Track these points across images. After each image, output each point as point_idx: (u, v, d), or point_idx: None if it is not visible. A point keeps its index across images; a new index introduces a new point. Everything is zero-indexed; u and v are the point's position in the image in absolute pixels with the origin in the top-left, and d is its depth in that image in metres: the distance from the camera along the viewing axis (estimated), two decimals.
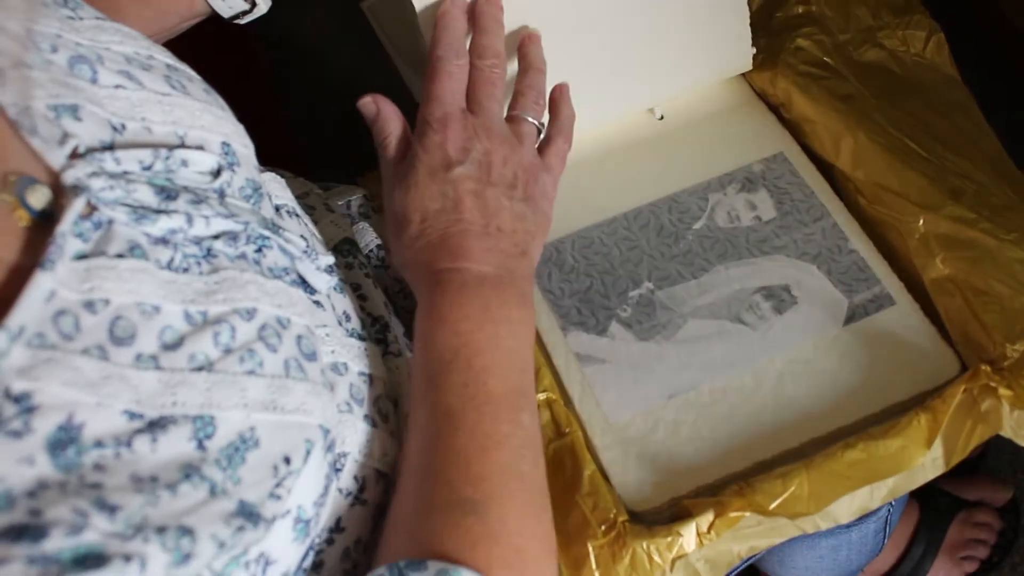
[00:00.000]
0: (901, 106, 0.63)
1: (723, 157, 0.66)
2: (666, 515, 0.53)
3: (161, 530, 0.32)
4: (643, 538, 0.50)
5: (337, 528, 0.45)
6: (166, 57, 0.45)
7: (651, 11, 0.63)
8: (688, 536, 0.50)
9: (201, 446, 0.35)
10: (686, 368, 0.57)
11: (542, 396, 0.55)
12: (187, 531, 0.32)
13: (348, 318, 0.52)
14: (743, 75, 0.70)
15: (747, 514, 0.50)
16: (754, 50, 0.67)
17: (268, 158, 0.52)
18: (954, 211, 0.56)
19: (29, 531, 0.28)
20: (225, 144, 0.44)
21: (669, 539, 0.50)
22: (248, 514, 0.35)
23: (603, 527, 0.50)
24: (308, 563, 0.43)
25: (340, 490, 0.45)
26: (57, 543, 0.29)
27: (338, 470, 0.45)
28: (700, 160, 0.66)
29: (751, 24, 0.66)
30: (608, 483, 0.53)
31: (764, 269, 0.60)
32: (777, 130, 0.67)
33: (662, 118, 0.68)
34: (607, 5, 0.62)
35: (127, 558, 0.30)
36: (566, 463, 0.52)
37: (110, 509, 0.31)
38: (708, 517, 0.50)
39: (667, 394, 0.56)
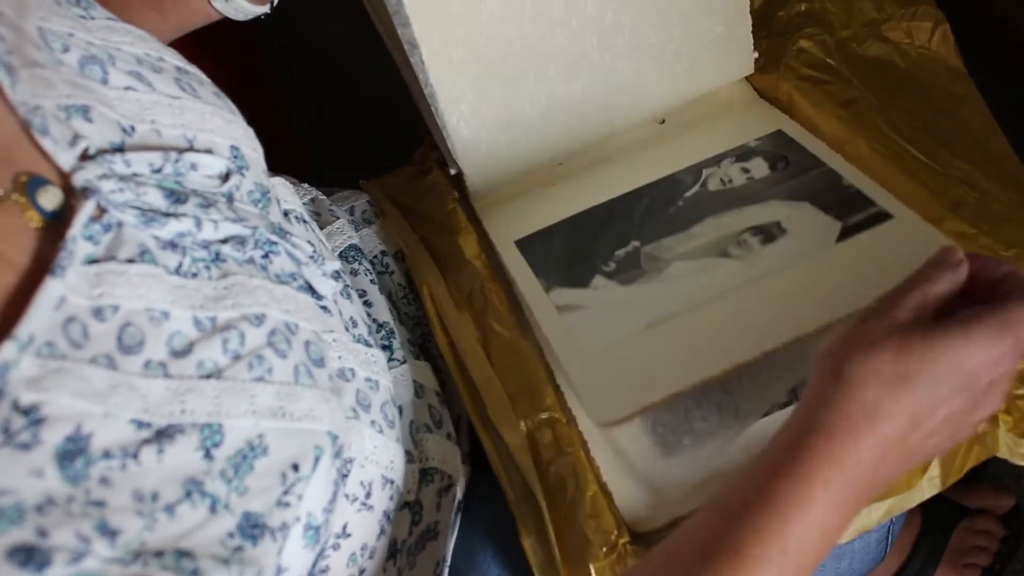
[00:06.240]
0: (904, 106, 0.63)
1: (720, 140, 0.65)
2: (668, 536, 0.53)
3: (159, 554, 0.32)
4: None
5: (344, 534, 0.45)
6: (176, 60, 0.45)
7: (652, 19, 0.63)
8: None
9: (208, 455, 0.35)
10: (667, 300, 0.55)
11: (544, 415, 0.55)
12: (185, 553, 0.32)
13: (355, 324, 0.52)
14: (745, 77, 0.69)
15: None
16: (756, 54, 0.67)
17: (271, 164, 0.52)
18: (954, 226, 0.56)
19: (35, 558, 0.28)
20: (234, 148, 0.44)
21: None
22: (250, 529, 0.35)
23: (605, 548, 0.50)
24: (315, 569, 0.43)
25: (346, 496, 0.45)
26: (59, 571, 0.29)
27: (345, 476, 0.45)
28: (697, 145, 0.65)
29: (753, 24, 0.66)
30: (611, 503, 0.53)
31: (754, 212, 0.59)
32: (774, 112, 0.66)
33: (663, 122, 0.69)
34: (605, 14, 0.61)
35: None
36: (568, 483, 0.52)
37: (111, 534, 0.31)
38: None
39: (645, 322, 0.54)
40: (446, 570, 0.57)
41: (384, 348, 0.56)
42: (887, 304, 0.40)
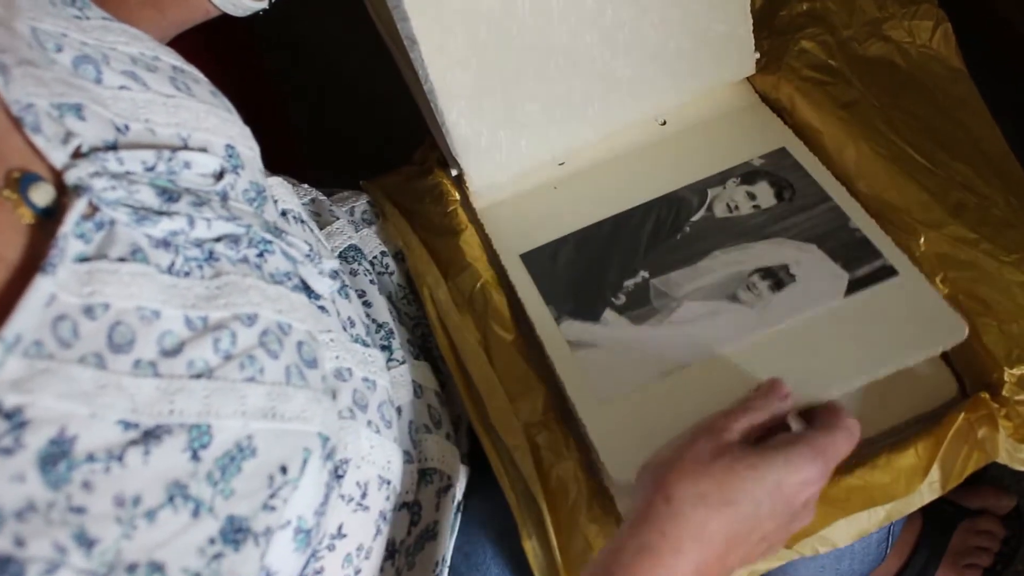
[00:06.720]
0: (905, 107, 0.63)
1: (723, 154, 0.65)
2: None
3: (132, 568, 0.31)
4: None
5: (339, 534, 0.45)
6: (172, 59, 0.45)
7: (651, 16, 0.63)
8: None
9: (195, 456, 0.34)
10: (679, 347, 0.55)
11: (545, 418, 0.55)
12: (157, 567, 0.32)
13: (352, 323, 0.51)
14: (746, 78, 0.69)
15: None
16: (757, 54, 0.67)
17: (270, 164, 0.52)
18: (955, 230, 0.56)
19: (8, 569, 0.28)
20: (229, 147, 0.43)
21: None
22: (233, 534, 0.35)
23: None
24: (309, 570, 0.43)
25: (342, 496, 0.45)
26: None
27: (340, 476, 0.45)
28: (700, 159, 0.65)
29: (755, 23, 0.66)
30: (612, 507, 0.53)
31: (762, 251, 0.59)
32: (779, 127, 0.66)
33: (664, 123, 0.68)
34: (605, 11, 0.61)
35: None
36: (570, 486, 0.52)
37: (88, 543, 0.30)
38: None
39: (659, 371, 0.54)
40: (445, 570, 0.57)
41: (383, 348, 0.56)
42: (716, 426, 0.44)
